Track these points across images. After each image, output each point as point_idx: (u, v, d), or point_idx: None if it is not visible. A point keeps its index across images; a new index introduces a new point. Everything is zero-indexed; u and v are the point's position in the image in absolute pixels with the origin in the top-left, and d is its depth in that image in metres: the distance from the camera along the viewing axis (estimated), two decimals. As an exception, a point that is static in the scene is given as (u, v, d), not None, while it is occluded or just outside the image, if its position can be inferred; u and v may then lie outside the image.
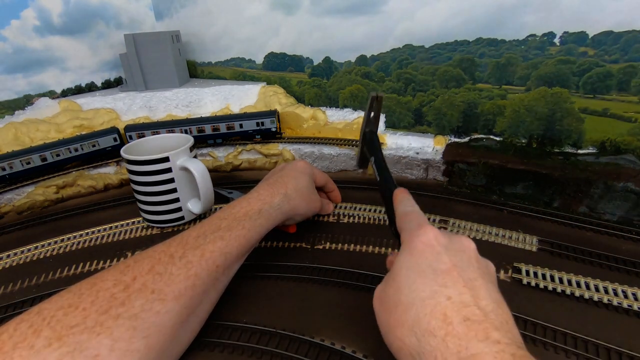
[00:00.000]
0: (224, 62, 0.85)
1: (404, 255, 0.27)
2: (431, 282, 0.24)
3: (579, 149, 0.53)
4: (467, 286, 0.24)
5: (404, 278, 0.25)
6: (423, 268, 0.25)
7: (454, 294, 0.23)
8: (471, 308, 0.22)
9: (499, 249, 0.44)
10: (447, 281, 0.24)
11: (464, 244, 0.27)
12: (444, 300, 0.23)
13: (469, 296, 0.23)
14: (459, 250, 0.26)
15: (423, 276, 0.25)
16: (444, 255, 0.25)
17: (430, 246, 0.26)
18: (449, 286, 0.24)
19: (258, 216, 0.38)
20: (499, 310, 0.23)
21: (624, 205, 0.47)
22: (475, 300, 0.23)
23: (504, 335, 0.21)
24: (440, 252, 0.26)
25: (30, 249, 0.49)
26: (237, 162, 0.71)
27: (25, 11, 0.71)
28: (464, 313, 0.22)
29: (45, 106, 0.72)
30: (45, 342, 0.24)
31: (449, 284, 0.24)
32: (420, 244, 0.26)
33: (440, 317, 0.22)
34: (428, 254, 0.26)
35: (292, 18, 0.71)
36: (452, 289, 0.24)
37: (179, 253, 0.32)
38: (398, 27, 0.62)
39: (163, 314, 0.28)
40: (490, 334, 0.21)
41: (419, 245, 0.26)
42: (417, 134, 0.66)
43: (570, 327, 0.33)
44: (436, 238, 0.27)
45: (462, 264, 0.25)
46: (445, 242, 0.27)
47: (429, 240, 0.26)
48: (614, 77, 0.49)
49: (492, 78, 0.58)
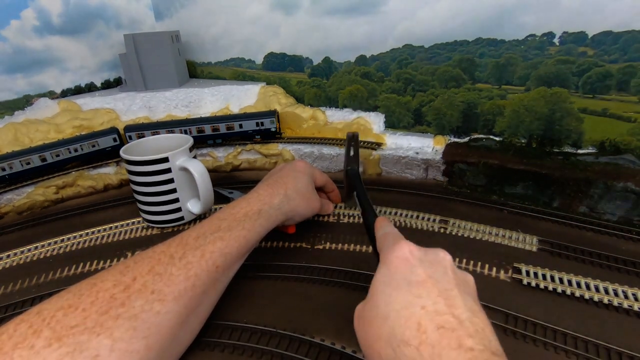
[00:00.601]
0: (224, 62, 0.85)
1: (381, 271, 0.27)
2: (406, 294, 0.24)
3: (578, 149, 0.53)
4: (441, 296, 0.24)
5: (380, 293, 0.26)
6: (398, 281, 0.26)
7: (428, 303, 0.23)
8: (445, 316, 0.23)
9: (499, 249, 0.44)
10: (422, 292, 0.24)
11: (439, 256, 0.27)
12: (418, 310, 0.23)
13: (443, 305, 0.23)
14: (434, 262, 0.27)
15: (398, 289, 0.25)
16: (419, 268, 0.26)
17: (405, 260, 0.27)
18: (423, 296, 0.24)
19: (258, 217, 0.38)
20: (474, 319, 0.23)
21: (624, 205, 0.47)
22: (449, 309, 0.23)
23: (478, 343, 0.21)
24: (414, 264, 0.26)
25: (30, 249, 0.49)
26: (236, 162, 0.71)
27: (25, 11, 0.71)
28: (437, 321, 0.22)
29: (45, 106, 0.72)
30: (45, 342, 0.24)
31: (423, 295, 0.24)
32: (395, 259, 0.27)
33: (414, 327, 0.22)
34: (403, 268, 0.26)
35: (291, 18, 0.71)
36: (427, 298, 0.24)
37: (178, 254, 0.32)
38: (398, 27, 0.62)
39: (163, 315, 0.28)
40: (463, 342, 0.21)
41: (394, 260, 0.27)
42: (416, 134, 0.66)
43: (571, 327, 0.33)
44: (411, 252, 0.27)
45: (436, 275, 0.25)
46: (420, 255, 0.27)
47: (404, 254, 0.27)
48: (614, 77, 0.49)
49: (491, 78, 0.58)
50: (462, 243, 0.45)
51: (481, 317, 0.24)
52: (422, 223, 0.50)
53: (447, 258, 0.27)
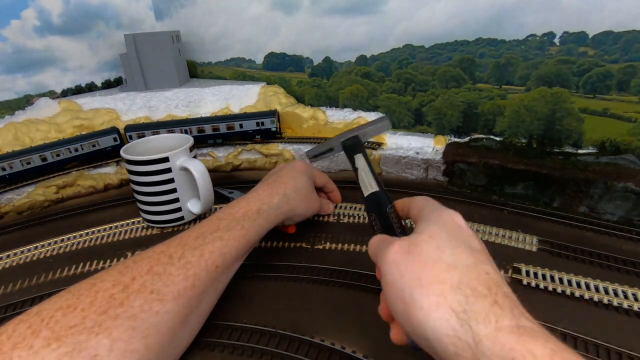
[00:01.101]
0: (224, 62, 0.85)
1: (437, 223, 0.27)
2: (470, 255, 0.24)
3: (579, 149, 0.53)
4: (494, 268, 0.24)
5: (445, 241, 0.25)
6: (459, 241, 0.25)
7: (490, 270, 0.23)
8: (506, 289, 0.23)
9: (499, 249, 0.44)
10: (483, 259, 0.24)
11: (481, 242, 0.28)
12: (484, 273, 0.23)
13: (500, 277, 0.23)
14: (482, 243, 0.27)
15: (461, 247, 0.25)
16: (475, 238, 0.26)
17: (461, 226, 0.27)
18: (486, 263, 0.24)
19: (257, 216, 0.38)
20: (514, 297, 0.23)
21: (624, 205, 0.46)
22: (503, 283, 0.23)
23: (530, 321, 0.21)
24: (471, 234, 0.26)
25: (30, 249, 0.49)
26: (237, 162, 0.71)
27: (25, 11, 0.71)
28: (503, 290, 0.22)
29: (45, 106, 0.72)
30: (44, 342, 0.24)
31: (485, 261, 0.24)
32: (452, 221, 0.27)
33: (485, 286, 0.22)
34: (462, 232, 0.26)
35: (292, 18, 0.71)
36: (489, 266, 0.24)
37: (178, 253, 0.32)
38: (398, 27, 0.62)
39: (162, 314, 0.28)
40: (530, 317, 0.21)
41: (453, 220, 0.27)
42: (417, 134, 0.66)
43: (571, 327, 0.33)
44: (465, 223, 0.27)
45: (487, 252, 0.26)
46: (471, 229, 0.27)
47: (461, 221, 0.27)
48: (614, 77, 0.49)
49: (492, 78, 0.58)
50: (462, 243, 0.45)
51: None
52: (422, 223, 0.50)
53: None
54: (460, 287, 0.22)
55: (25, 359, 0.23)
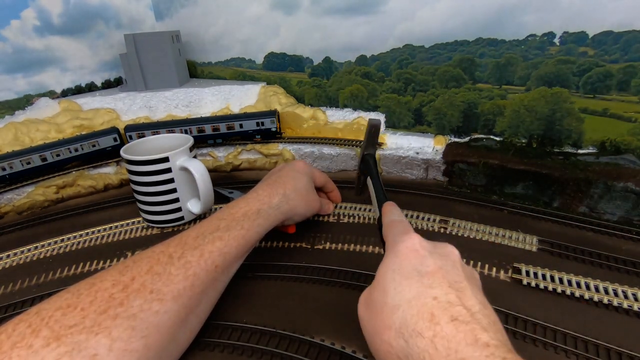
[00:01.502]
0: (224, 62, 0.85)
1: (389, 259, 0.27)
2: (417, 284, 0.24)
3: (579, 149, 0.53)
4: (452, 287, 0.24)
5: (389, 281, 0.26)
6: (408, 271, 0.25)
7: (439, 294, 0.23)
8: (458, 308, 0.22)
9: (499, 249, 0.44)
10: (433, 282, 0.24)
11: (448, 250, 0.28)
12: (430, 300, 0.23)
13: (454, 296, 0.23)
14: (443, 255, 0.27)
15: (409, 278, 0.25)
16: (429, 259, 0.26)
17: (414, 251, 0.27)
18: (435, 287, 0.24)
19: (257, 216, 0.38)
20: (485, 311, 0.23)
21: (624, 205, 0.47)
22: (461, 301, 0.23)
23: (492, 337, 0.21)
24: (424, 255, 0.26)
25: (30, 249, 0.49)
26: (237, 162, 0.71)
27: (25, 11, 0.71)
28: (450, 312, 0.22)
29: (45, 106, 0.72)
30: (43, 342, 0.24)
31: (434, 285, 0.24)
32: (405, 249, 0.27)
33: (427, 317, 0.22)
34: (412, 258, 0.26)
35: (292, 18, 0.71)
36: (438, 289, 0.24)
37: (177, 253, 0.32)
38: (398, 27, 0.62)
39: (162, 314, 0.28)
40: (478, 336, 0.21)
41: (404, 249, 0.27)
42: (417, 134, 0.66)
43: (570, 327, 0.33)
44: (420, 243, 0.27)
45: (446, 267, 0.25)
46: (430, 247, 0.27)
47: (413, 245, 0.27)
48: (614, 77, 0.49)
49: (492, 78, 0.58)
50: (462, 243, 0.45)
51: (490, 310, 0.24)
52: (422, 223, 0.50)
53: (455, 252, 0.28)
54: (401, 330, 0.23)
55: (24, 358, 0.23)
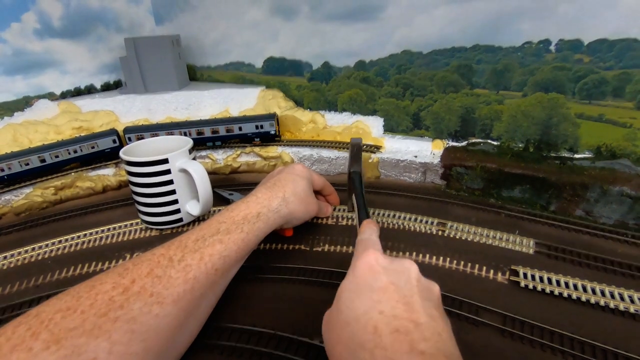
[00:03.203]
0: (224, 66, 0.85)
1: (347, 277, 0.28)
2: (367, 300, 0.25)
3: (575, 153, 0.54)
4: (401, 301, 0.24)
5: (344, 299, 0.27)
6: (362, 288, 0.26)
7: (386, 308, 0.24)
8: (402, 321, 0.23)
9: (496, 252, 0.44)
10: (382, 297, 0.25)
11: (405, 265, 0.28)
12: (376, 314, 0.24)
13: (402, 310, 0.24)
14: (399, 271, 0.27)
15: (361, 295, 0.26)
16: (382, 275, 0.26)
17: (370, 267, 0.27)
18: (383, 301, 0.24)
19: (257, 220, 0.38)
20: (432, 323, 0.23)
21: (620, 209, 0.47)
22: (408, 314, 0.23)
23: (431, 346, 0.21)
24: (379, 271, 0.27)
25: (28, 251, 0.49)
26: (236, 165, 0.71)
27: (25, 14, 0.71)
28: (393, 325, 0.23)
29: (45, 108, 0.72)
30: (43, 345, 0.24)
31: (382, 300, 0.25)
32: (361, 265, 0.28)
33: (370, 331, 0.23)
34: (367, 274, 0.27)
35: (291, 23, 0.72)
36: (385, 303, 0.24)
37: (177, 256, 0.32)
38: (396, 34, 0.63)
39: (162, 317, 0.28)
40: (415, 345, 0.21)
41: (360, 266, 0.28)
42: (415, 138, 0.67)
43: (567, 328, 0.33)
44: (377, 259, 0.28)
45: (399, 283, 0.26)
46: (386, 263, 0.28)
47: (370, 262, 0.28)
48: (609, 83, 0.50)
49: (489, 84, 0.58)
50: (459, 246, 0.46)
51: (440, 322, 0.24)
52: (420, 226, 0.50)
53: (412, 268, 0.28)
54: (348, 345, 0.24)
55: None
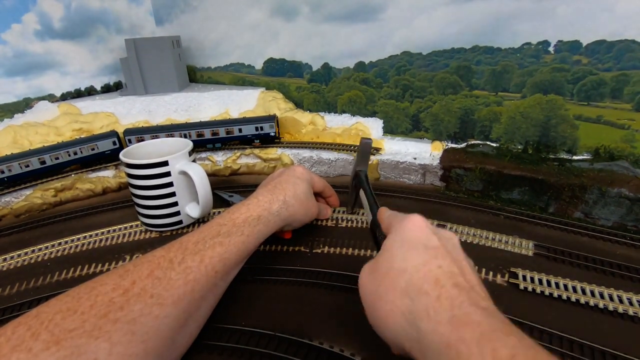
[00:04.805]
0: (224, 67, 0.85)
1: (395, 234, 0.29)
2: (423, 254, 0.26)
3: (573, 155, 0.54)
4: (454, 262, 0.26)
5: (396, 249, 0.27)
6: (415, 243, 0.27)
7: (444, 264, 0.25)
8: (459, 278, 0.24)
9: (495, 254, 0.44)
10: (438, 254, 0.26)
11: (449, 234, 0.30)
12: (435, 268, 0.25)
13: (456, 269, 0.25)
14: (445, 237, 0.29)
15: (415, 249, 0.27)
16: (433, 236, 0.28)
17: (420, 227, 0.28)
18: (439, 258, 0.26)
19: (257, 222, 0.38)
20: (482, 287, 0.25)
21: (618, 210, 0.47)
22: (462, 273, 0.25)
23: (490, 305, 0.23)
24: (429, 233, 0.28)
25: (27, 252, 0.49)
26: (235, 167, 0.71)
27: (26, 15, 0.72)
28: (454, 280, 0.24)
29: (45, 109, 0.72)
30: (43, 345, 0.24)
31: (439, 256, 0.26)
32: (412, 224, 0.29)
33: (432, 281, 0.24)
34: (419, 233, 0.28)
35: (291, 25, 0.72)
36: (442, 260, 0.26)
37: (178, 258, 0.32)
38: (396, 35, 0.63)
39: (162, 319, 0.28)
40: (479, 302, 0.23)
41: (411, 225, 0.29)
42: (414, 140, 0.67)
43: (566, 330, 0.33)
44: (426, 223, 0.29)
45: (448, 246, 0.27)
46: (433, 228, 0.29)
47: (420, 223, 0.29)
48: (607, 85, 0.50)
49: (488, 85, 0.59)
50: (459, 247, 0.46)
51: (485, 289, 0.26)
52: (420, 227, 0.50)
53: (455, 237, 0.29)
54: (407, 290, 0.25)
55: None
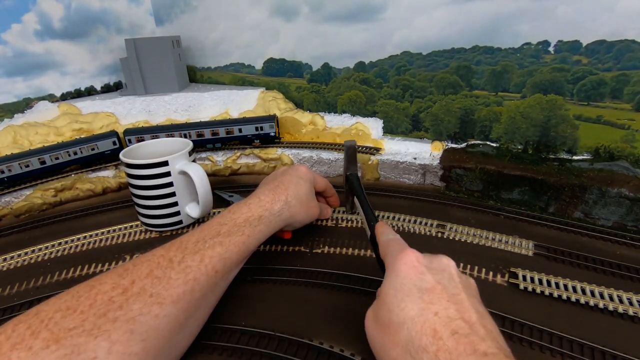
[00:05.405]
0: (224, 67, 0.85)
1: (390, 277, 0.28)
2: (418, 301, 0.26)
3: (573, 155, 0.54)
4: (451, 301, 0.25)
5: (392, 298, 0.27)
6: (409, 288, 0.27)
7: (440, 309, 0.25)
8: (457, 321, 0.24)
9: (495, 254, 0.45)
10: (433, 298, 0.25)
11: (444, 263, 0.29)
12: (431, 316, 0.24)
13: (453, 310, 0.25)
14: (440, 269, 0.28)
15: (410, 295, 0.26)
16: (427, 275, 0.27)
17: (413, 267, 0.28)
18: (435, 302, 0.25)
19: (258, 223, 0.38)
20: (483, 321, 0.24)
21: (618, 210, 0.47)
22: (460, 314, 0.24)
23: (490, 346, 0.22)
24: (423, 271, 0.27)
25: (27, 252, 0.49)
26: (235, 167, 0.71)
27: (26, 15, 0.72)
28: (451, 327, 0.24)
29: (45, 109, 0.72)
30: (43, 344, 0.24)
31: (434, 301, 0.25)
32: (404, 266, 0.28)
33: (430, 333, 0.24)
34: (412, 275, 0.27)
35: (291, 25, 0.72)
36: (438, 305, 0.25)
37: (178, 257, 0.32)
38: (396, 35, 0.63)
39: (161, 318, 0.28)
40: (477, 347, 0.22)
41: (403, 267, 0.28)
42: (414, 140, 0.67)
43: (566, 330, 0.33)
44: (418, 260, 0.28)
45: (444, 281, 0.27)
46: (427, 262, 0.28)
47: (412, 262, 0.28)
48: (607, 85, 0.50)
49: (488, 85, 0.59)
50: (459, 247, 0.46)
51: (487, 318, 0.25)
52: (420, 227, 0.50)
53: (451, 264, 0.29)
54: (408, 347, 0.24)
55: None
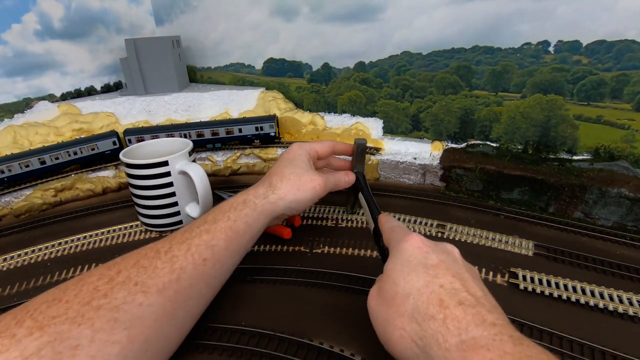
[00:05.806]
0: (224, 67, 0.85)
1: (395, 257, 0.29)
2: (424, 275, 0.26)
3: (573, 155, 0.54)
4: (456, 277, 0.26)
5: (398, 273, 0.28)
6: (415, 265, 0.27)
7: (445, 282, 0.26)
8: (463, 294, 0.25)
9: (495, 254, 0.45)
10: (438, 273, 0.26)
11: (448, 248, 0.30)
12: (437, 288, 0.25)
13: (459, 284, 0.25)
14: (444, 251, 0.29)
15: (415, 271, 0.27)
16: (432, 254, 0.28)
17: (418, 247, 0.29)
18: (440, 276, 0.26)
19: (243, 206, 0.39)
20: (487, 297, 0.25)
21: (618, 210, 0.47)
22: (465, 288, 0.25)
23: (497, 318, 0.23)
24: (428, 251, 0.28)
25: (27, 252, 0.49)
26: (235, 167, 0.71)
27: (26, 15, 0.71)
28: (457, 297, 0.24)
29: (45, 109, 0.72)
30: (26, 331, 0.24)
31: (439, 275, 0.26)
32: (409, 246, 0.29)
33: (437, 302, 0.24)
34: (417, 254, 0.28)
35: (291, 25, 0.72)
36: (443, 278, 0.26)
37: (165, 248, 0.33)
38: (396, 35, 0.63)
39: (146, 307, 0.29)
40: (485, 317, 0.23)
41: (408, 247, 0.29)
42: (414, 140, 0.67)
43: (566, 330, 0.33)
44: (422, 242, 0.29)
45: (448, 261, 0.28)
46: (431, 245, 0.29)
47: (417, 243, 0.29)
48: (607, 85, 0.50)
49: (488, 85, 0.59)
50: (459, 247, 0.45)
51: (491, 297, 0.26)
52: (420, 227, 0.50)
53: (455, 250, 0.30)
54: (414, 315, 0.25)
55: (7, 347, 0.23)
